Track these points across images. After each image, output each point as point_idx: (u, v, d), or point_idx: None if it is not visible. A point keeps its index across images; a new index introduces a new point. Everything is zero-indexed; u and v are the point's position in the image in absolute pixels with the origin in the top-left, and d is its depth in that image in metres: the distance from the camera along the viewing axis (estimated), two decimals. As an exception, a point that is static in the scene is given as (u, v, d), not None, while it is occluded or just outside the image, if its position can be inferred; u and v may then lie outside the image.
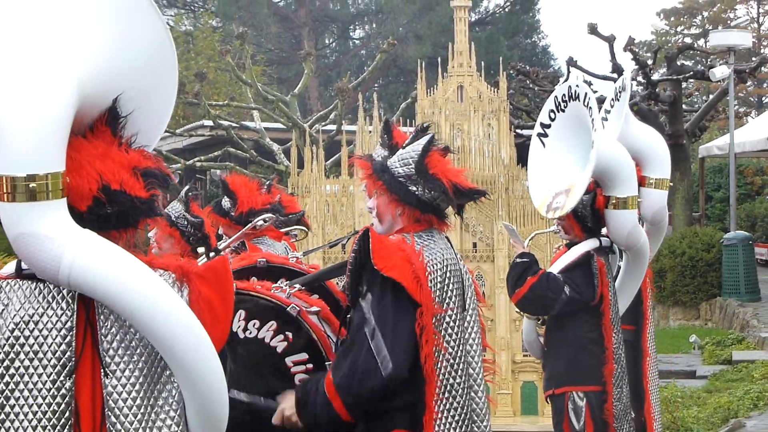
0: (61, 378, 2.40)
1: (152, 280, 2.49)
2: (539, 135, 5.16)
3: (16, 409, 2.39)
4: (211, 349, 2.50)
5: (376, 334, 3.07)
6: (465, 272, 3.40)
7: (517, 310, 5.60)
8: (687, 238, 14.81)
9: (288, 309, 3.24)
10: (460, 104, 8.89)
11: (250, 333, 3.30)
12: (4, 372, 2.41)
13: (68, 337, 2.43)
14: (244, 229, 4.46)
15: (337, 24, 37.36)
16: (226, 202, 5.15)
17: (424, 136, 3.29)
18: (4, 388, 2.39)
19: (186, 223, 4.74)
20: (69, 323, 2.44)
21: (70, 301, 2.47)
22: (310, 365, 3.27)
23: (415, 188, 3.19)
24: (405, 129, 3.66)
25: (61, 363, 2.43)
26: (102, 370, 2.45)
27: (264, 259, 3.95)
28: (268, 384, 3.34)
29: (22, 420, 2.39)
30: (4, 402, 2.38)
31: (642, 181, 5.41)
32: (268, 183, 6.45)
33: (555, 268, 4.87)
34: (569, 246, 5.07)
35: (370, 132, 8.67)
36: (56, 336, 2.42)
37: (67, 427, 2.39)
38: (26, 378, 2.42)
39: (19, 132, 2.33)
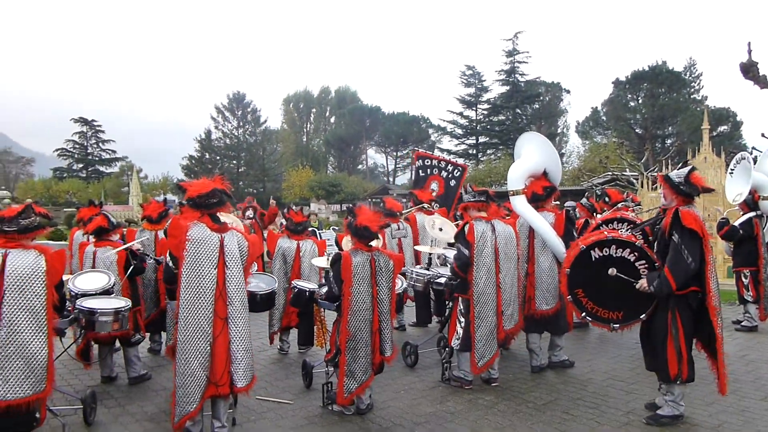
0: None
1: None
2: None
3: None
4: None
5: (686, 252, 3.77)
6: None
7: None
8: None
9: (635, 243, 4.06)
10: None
11: (619, 254, 4.07)
12: None
13: None
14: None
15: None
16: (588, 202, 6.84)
17: (688, 167, 4.05)
18: None
19: None
20: None
21: None
22: (646, 264, 4.05)
23: (684, 188, 3.95)
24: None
25: None
26: None
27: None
28: (631, 273, 4.06)
29: None
30: None
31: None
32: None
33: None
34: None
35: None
36: None
37: None
38: None
39: (511, 179, 4.46)
